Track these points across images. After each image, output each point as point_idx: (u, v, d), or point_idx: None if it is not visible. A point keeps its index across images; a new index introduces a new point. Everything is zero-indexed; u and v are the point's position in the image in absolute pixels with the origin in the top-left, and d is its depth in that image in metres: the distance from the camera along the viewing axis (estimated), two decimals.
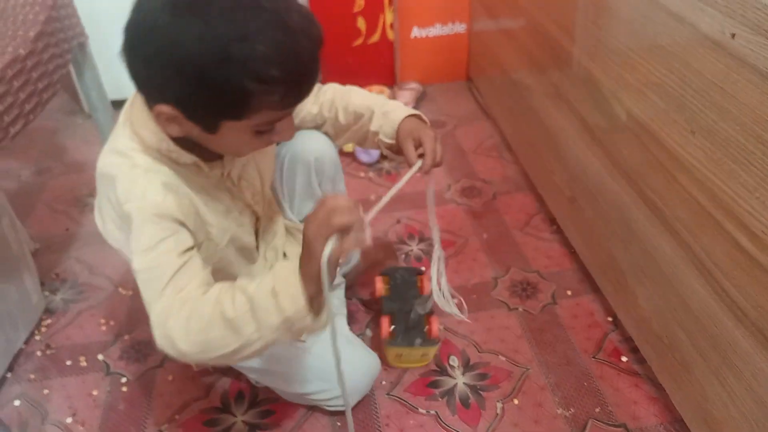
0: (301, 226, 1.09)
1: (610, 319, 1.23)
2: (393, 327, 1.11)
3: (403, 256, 1.42)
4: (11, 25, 1.05)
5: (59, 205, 1.65)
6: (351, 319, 1.22)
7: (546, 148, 1.44)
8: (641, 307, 1.06)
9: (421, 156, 0.89)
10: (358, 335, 1.15)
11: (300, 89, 0.70)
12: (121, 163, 0.77)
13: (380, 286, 1.20)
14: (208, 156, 0.81)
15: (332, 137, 1.06)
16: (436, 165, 0.89)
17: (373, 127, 0.97)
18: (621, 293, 1.15)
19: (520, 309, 1.26)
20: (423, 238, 1.47)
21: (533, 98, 1.49)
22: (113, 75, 1.94)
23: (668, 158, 0.91)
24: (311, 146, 1.06)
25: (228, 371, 1.14)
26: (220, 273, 0.95)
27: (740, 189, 0.76)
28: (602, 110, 1.12)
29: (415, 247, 1.44)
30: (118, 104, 1.57)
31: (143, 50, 0.66)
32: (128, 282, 1.37)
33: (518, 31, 1.57)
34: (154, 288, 0.72)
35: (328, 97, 1.01)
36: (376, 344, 1.15)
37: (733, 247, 0.79)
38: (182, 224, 0.76)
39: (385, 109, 0.96)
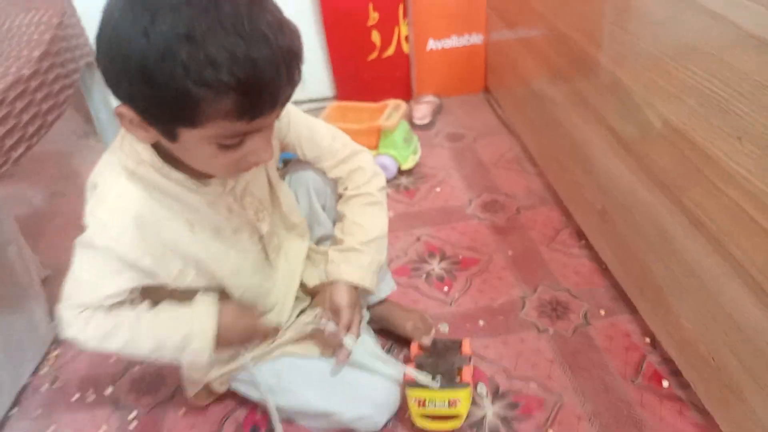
0: (318, 249, 1.04)
1: (647, 340, 1.15)
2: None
3: (424, 275, 1.36)
4: (16, 45, 1.01)
5: (72, 231, 1.61)
6: None
7: (572, 160, 1.38)
8: (684, 327, 0.99)
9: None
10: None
11: (258, 100, 0.62)
12: (106, 178, 0.76)
13: (416, 351, 1.08)
14: (204, 174, 0.77)
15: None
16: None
17: (330, 254, 0.97)
18: (660, 312, 1.07)
19: (551, 331, 1.19)
20: (444, 257, 1.40)
21: (557, 108, 1.43)
22: None
23: (711, 167, 0.84)
24: (306, 165, 1.00)
25: (243, 403, 1.08)
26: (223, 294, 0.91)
27: None
28: (634, 118, 1.05)
29: (436, 266, 1.38)
30: None
31: (99, 44, 0.61)
32: None
33: (538, 40, 1.51)
34: (84, 292, 0.81)
35: (350, 184, 0.99)
36: None
37: None
38: (131, 265, 0.77)
39: (350, 256, 0.95)
